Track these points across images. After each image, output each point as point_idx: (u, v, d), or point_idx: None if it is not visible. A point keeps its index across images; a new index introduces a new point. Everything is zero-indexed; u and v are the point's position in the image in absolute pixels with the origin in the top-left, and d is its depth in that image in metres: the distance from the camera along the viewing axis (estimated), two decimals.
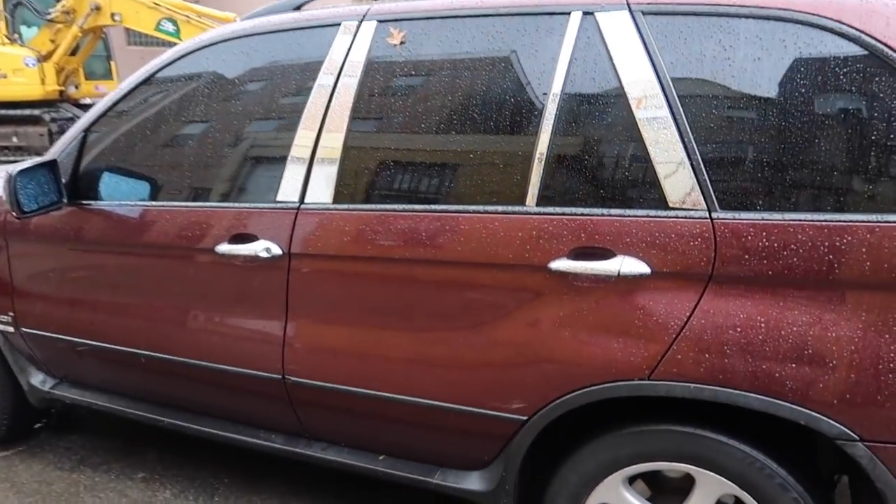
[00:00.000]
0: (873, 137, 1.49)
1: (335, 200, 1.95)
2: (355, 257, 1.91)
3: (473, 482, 1.96)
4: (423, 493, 2.05)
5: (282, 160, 2.04)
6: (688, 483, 1.75)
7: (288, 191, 2.01)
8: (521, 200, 1.75)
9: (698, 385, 1.59)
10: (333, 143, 1.96)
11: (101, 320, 2.37)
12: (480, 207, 1.78)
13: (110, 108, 2.36)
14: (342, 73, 1.99)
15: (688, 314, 1.60)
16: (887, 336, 1.46)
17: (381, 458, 2.10)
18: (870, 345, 1.48)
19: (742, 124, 1.58)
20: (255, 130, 2.15)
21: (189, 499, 2.52)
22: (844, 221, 1.48)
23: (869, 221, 1.46)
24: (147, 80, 2.32)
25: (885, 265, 1.45)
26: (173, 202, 2.22)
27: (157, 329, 2.25)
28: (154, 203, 2.26)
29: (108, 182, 2.34)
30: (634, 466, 1.75)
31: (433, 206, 1.84)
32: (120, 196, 2.33)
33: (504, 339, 1.78)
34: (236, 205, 2.10)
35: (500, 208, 1.76)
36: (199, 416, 2.34)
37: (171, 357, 2.24)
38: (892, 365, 1.46)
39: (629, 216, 1.64)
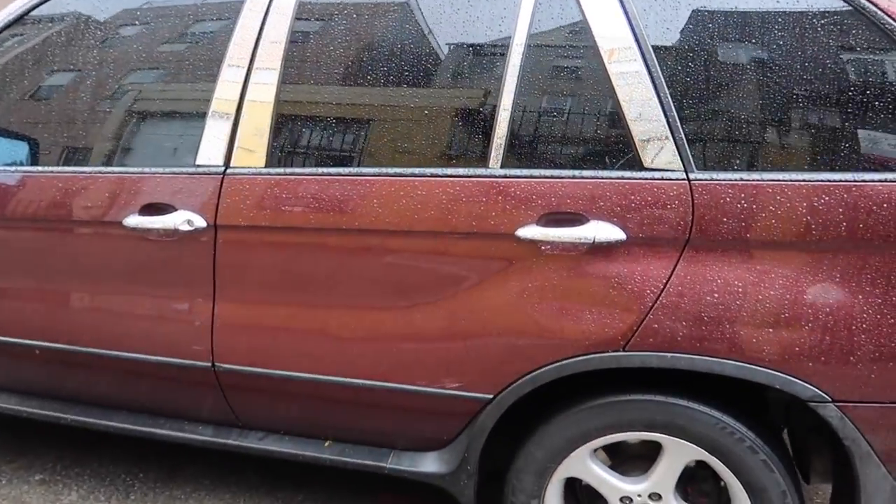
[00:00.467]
0: (850, 94, 1.51)
1: (268, 163, 1.80)
2: (294, 228, 1.78)
3: (432, 464, 1.92)
4: (357, 473, 1.99)
5: (199, 117, 1.86)
6: (649, 450, 1.79)
7: (210, 153, 1.84)
8: (484, 162, 1.68)
9: (675, 354, 1.60)
10: (263, 96, 1.80)
11: None
12: (439, 170, 1.70)
13: None
14: (269, 13, 1.81)
15: (664, 281, 1.60)
16: (860, 297, 1.52)
17: (326, 444, 2.03)
18: (843, 306, 1.53)
19: (720, 79, 1.57)
20: (164, 81, 1.96)
21: (100, 499, 2.36)
22: (822, 181, 1.51)
23: (846, 181, 1.50)
24: (20, 20, 2.04)
25: (860, 225, 1.49)
26: (66, 167, 1.99)
27: (54, 317, 2.04)
28: (41, 168, 2.01)
29: None
30: (603, 438, 1.77)
31: (385, 170, 1.74)
32: None
33: (467, 313, 1.73)
34: (146, 170, 1.91)
35: (461, 171, 1.68)
36: (109, 410, 2.16)
37: (72, 347, 2.04)
38: (864, 325, 1.52)
39: (603, 178, 1.60)
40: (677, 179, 1.57)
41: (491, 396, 1.76)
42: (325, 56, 1.80)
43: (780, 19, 1.53)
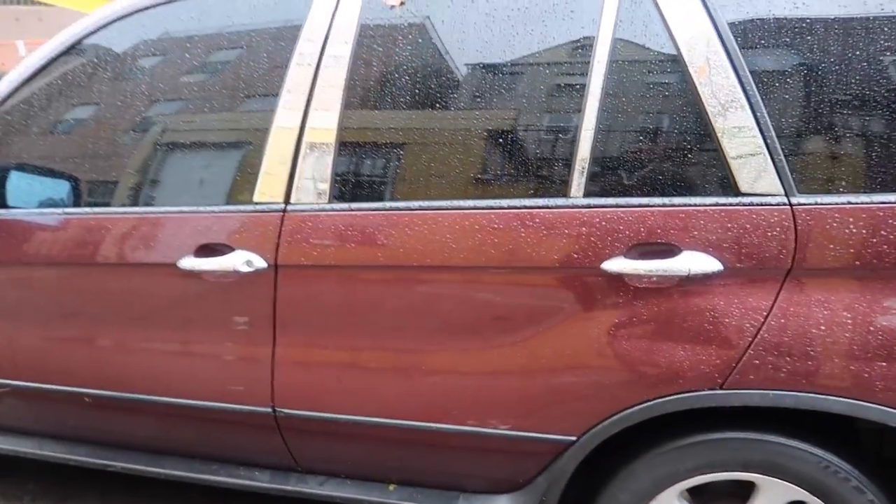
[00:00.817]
0: None
1: (332, 199, 1.72)
2: (361, 266, 1.70)
3: None
4: None
5: (256, 150, 1.78)
6: (739, 489, 1.68)
7: (268, 189, 1.77)
8: (564, 192, 1.59)
9: (779, 392, 1.50)
10: (325, 125, 1.71)
11: (24, 355, 2.05)
12: (517, 202, 1.61)
13: (18, 88, 1.99)
14: (328, 41, 1.74)
15: (765, 314, 1.50)
16: None
17: (391, 488, 1.94)
18: None
19: (821, 93, 1.47)
20: (218, 114, 1.88)
21: None
22: (875, 204, 1.42)
23: None
24: (70, 50, 1.97)
25: None
26: (115, 208, 1.93)
27: (104, 363, 1.96)
28: (90, 210, 1.94)
29: (18, 184, 1.98)
30: (694, 479, 1.67)
31: (457, 203, 1.65)
32: (36, 201, 1.98)
33: (549, 351, 1.64)
34: (201, 209, 1.83)
35: (540, 202, 1.59)
36: (160, 456, 2.08)
37: (124, 395, 1.97)
38: None
39: (695, 206, 1.51)
40: (778, 205, 1.47)
41: (574, 438, 1.67)
42: (391, 80, 1.72)
43: (884, 26, 1.43)
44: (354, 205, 1.71)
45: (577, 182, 1.58)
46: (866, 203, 1.44)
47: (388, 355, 1.74)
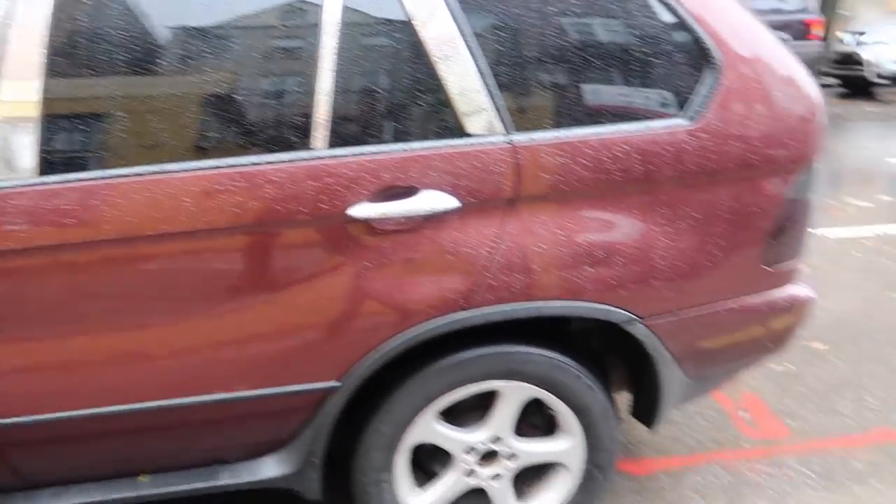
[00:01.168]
0: (640, 55, 1.70)
1: (43, 172, 1.47)
2: (87, 243, 1.50)
3: (273, 468, 1.82)
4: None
5: None
6: (477, 399, 1.89)
7: None
8: (307, 145, 1.57)
9: (514, 306, 1.70)
10: (24, 94, 1.45)
11: None
12: (259, 158, 1.54)
13: None
14: (19, 1, 1.46)
15: (496, 240, 1.67)
16: (655, 227, 1.75)
17: (143, 479, 1.79)
18: (644, 237, 1.75)
19: (528, 45, 1.66)
20: None
21: None
22: (620, 133, 1.69)
23: (636, 130, 1.70)
24: None
25: (651, 167, 1.71)
26: None
27: None
28: None
29: None
30: (446, 397, 1.83)
31: (195, 165, 1.54)
32: None
33: (303, 304, 1.64)
34: None
35: (284, 157, 1.55)
36: None
37: None
38: (659, 252, 1.76)
39: (430, 149, 1.60)
40: (501, 143, 1.63)
41: (336, 383, 1.70)
42: (101, 40, 1.50)
43: None
44: (72, 175, 1.49)
45: (320, 135, 1.57)
46: (568, 137, 1.66)
47: (125, 336, 1.58)
